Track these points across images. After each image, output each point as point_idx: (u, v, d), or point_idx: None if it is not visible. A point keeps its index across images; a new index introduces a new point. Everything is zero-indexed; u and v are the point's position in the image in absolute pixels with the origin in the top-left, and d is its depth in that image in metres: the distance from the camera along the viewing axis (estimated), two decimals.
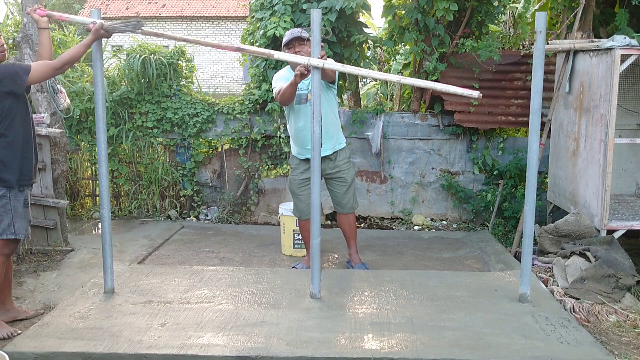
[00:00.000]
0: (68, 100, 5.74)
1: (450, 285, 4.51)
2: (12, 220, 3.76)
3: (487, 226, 6.59)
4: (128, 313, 3.90)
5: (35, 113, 5.58)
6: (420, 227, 6.77)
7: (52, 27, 6.98)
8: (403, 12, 6.55)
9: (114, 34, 3.93)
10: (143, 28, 3.90)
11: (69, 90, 6.47)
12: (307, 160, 4.76)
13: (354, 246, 5.22)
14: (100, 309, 3.98)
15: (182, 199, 7.11)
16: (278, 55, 4.12)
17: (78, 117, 6.71)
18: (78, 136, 6.87)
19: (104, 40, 4.01)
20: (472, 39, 6.42)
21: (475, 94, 3.82)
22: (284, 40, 4.77)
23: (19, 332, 3.72)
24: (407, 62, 7.84)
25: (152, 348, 3.39)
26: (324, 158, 4.81)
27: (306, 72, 4.24)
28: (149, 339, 3.51)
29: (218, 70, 25.19)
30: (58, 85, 5.60)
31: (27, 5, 5.35)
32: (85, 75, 7.01)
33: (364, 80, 10.51)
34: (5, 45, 3.77)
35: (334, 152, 4.98)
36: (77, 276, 4.89)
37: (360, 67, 6.30)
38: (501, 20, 7.65)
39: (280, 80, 4.81)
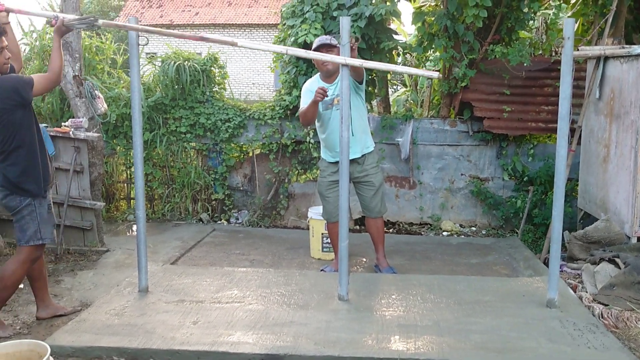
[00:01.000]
0: (105, 106, 5.94)
1: (478, 290, 4.53)
2: (38, 227, 3.84)
3: (517, 233, 6.57)
4: (161, 311, 4.02)
5: (73, 117, 5.79)
6: (449, 233, 6.78)
7: (90, 35, 7.21)
8: (432, 18, 6.60)
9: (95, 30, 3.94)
10: (99, 22, 3.87)
11: (106, 96, 6.66)
12: (336, 162, 4.85)
13: (382, 250, 5.26)
14: (135, 306, 4.11)
15: (213, 202, 7.25)
16: (242, 43, 4.12)
17: (114, 122, 6.91)
18: (114, 140, 7.07)
19: (140, 47, 4.16)
20: (501, 45, 6.42)
21: (435, 74, 4.08)
22: (313, 47, 4.88)
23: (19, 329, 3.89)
24: (436, 68, 7.87)
25: (185, 345, 3.50)
26: (352, 161, 4.85)
27: (325, 96, 4.54)
28: (182, 336, 3.62)
29: (250, 77, 25.48)
30: (96, 91, 5.80)
31: (67, 12, 5.55)
32: (122, 82, 7.22)
33: (393, 87, 10.56)
34: (10, 58, 3.78)
35: (362, 156, 5.04)
36: (113, 275, 5.05)
37: (391, 73, 6.35)
38: (532, 27, 7.64)
39: (306, 95, 4.95)
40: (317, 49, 4.79)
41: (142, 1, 28.31)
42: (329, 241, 5.55)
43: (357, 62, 4.11)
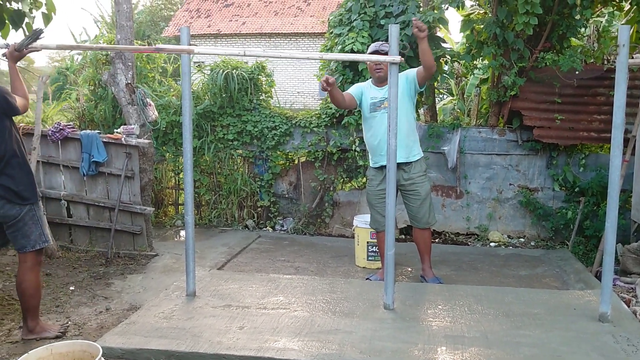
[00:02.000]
0: (156, 113, 6.08)
1: (527, 302, 4.43)
2: (41, 229, 3.87)
3: (567, 245, 6.42)
4: (208, 315, 4.07)
5: (125, 124, 5.93)
6: (496, 243, 6.67)
7: (142, 44, 7.38)
8: (481, 26, 6.53)
9: (37, 51, 3.91)
10: (42, 35, 3.89)
11: (157, 104, 6.82)
12: (381, 168, 4.89)
13: (428, 261, 5.21)
14: (183, 310, 4.17)
15: (259, 209, 7.31)
16: (198, 49, 4.12)
17: (164, 129, 7.06)
18: (163, 147, 7.22)
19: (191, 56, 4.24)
20: (552, 53, 6.31)
21: (397, 58, 3.90)
22: (367, 52, 4.96)
23: (68, 324, 3.98)
24: (485, 76, 7.78)
25: (231, 349, 3.53)
26: (397, 166, 4.87)
27: (329, 85, 4.61)
28: (228, 340, 3.65)
29: (295, 85, 25.65)
30: (147, 99, 5.93)
31: (121, 22, 5.71)
32: (172, 90, 7.38)
33: (440, 95, 10.48)
34: None
35: (408, 163, 5.00)
36: (161, 279, 5.14)
37: (437, 81, 6.31)
38: (584, 35, 7.47)
39: (352, 88, 5.10)
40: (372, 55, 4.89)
41: (191, 12, 28.85)
42: (375, 250, 5.54)
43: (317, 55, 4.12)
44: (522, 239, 6.78)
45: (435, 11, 6.47)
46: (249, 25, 27.33)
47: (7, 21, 7.68)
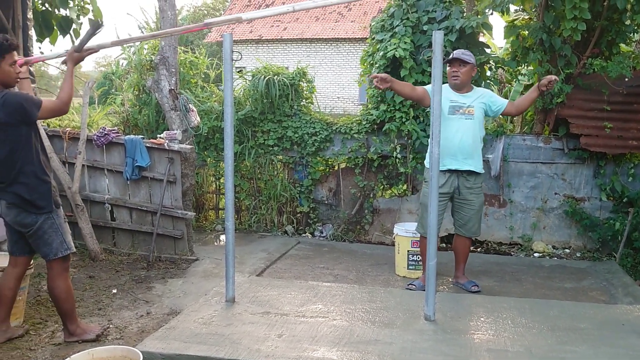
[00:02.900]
0: (198, 119, 6.14)
1: (573, 316, 4.30)
2: (62, 237, 3.87)
3: (615, 257, 6.22)
4: (247, 322, 4.06)
5: (168, 129, 6.00)
6: (540, 254, 6.50)
7: (185, 50, 7.48)
8: (526, 32, 6.39)
9: (95, 52, 4.02)
10: (100, 29, 3.88)
11: (199, 109, 6.89)
12: (448, 172, 4.93)
13: (463, 269, 5.28)
14: (222, 316, 4.18)
15: (298, 215, 7.30)
16: (246, 16, 4.19)
17: (206, 134, 7.12)
18: (205, 152, 7.28)
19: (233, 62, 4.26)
20: (601, 59, 6.13)
21: None
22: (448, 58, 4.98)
23: (108, 326, 4.01)
24: (529, 83, 7.60)
25: (270, 357, 3.50)
26: (461, 172, 4.95)
27: (383, 83, 4.70)
28: (267, 348, 3.64)
29: (335, 91, 25.68)
30: (190, 105, 6.00)
31: (165, 28, 5.79)
32: (214, 96, 7.44)
33: None
34: (20, 73, 3.83)
35: (474, 173, 5.02)
36: (201, 284, 5.17)
37: (481, 86, 6.20)
38: (634, 40, 7.25)
39: (429, 86, 4.99)
40: (450, 61, 4.94)
41: None
42: (415, 259, 5.47)
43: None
44: (567, 250, 6.60)
45: (479, 16, 6.37)
46: (290, 31, 27.49)
47: (55, 27, 7.89)
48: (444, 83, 5.32)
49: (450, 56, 4.93)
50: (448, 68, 5.01)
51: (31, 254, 4.00)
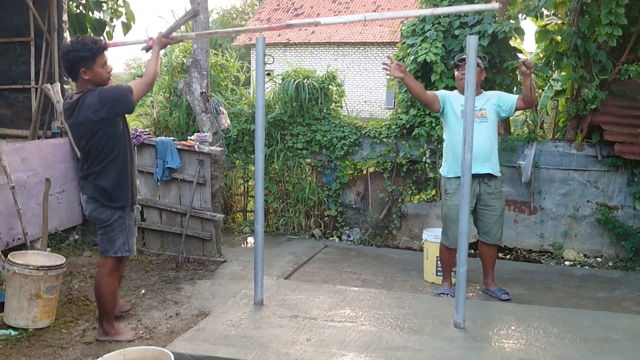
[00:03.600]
0: (228, 121, 6.17)
1: (606, 327, 4.21)
2: (126, 238, 3.93)
3: None
4: (276, 325, 4.06)
5: (198, 131, 6.04)
6: (571, 262, 6.40)
7: (215, 53, 7.53)
8: (560, 37, 6.30)
9: (179, 42, 4.15)
10: (195, 17, 4.04)
11: (229, 112, 6.92)
12: None
13: (492, 276, 5.23)
14: (250, 319, 4.18)
15: (326, 218, 7.29)
16: (325, 21, 4.24)
17: (235, 136, 7.16)
18: (234, 154, 7.32)
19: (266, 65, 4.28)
20: (637, 65, 6.02)
21: (496, 5, 3.95)
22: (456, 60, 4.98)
23: (141, 334, 4.03)
24: (561, 89, 7.49)
25: None
26: (481, 178, 4.90)
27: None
28: (295, 352, 3.63)
29: (362, 94, 25.66)
30: (220, 107, 6.03)
31: (196, 30, 5.83)
32: (244, 98, 7.47)
33: None
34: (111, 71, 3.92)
35: (492, 177, 4.97)
36: (229, 286, 5.19)
37: (513, 92, 6.13)
38: None
39: (438, 92, 5.05)
40: (456, 65, 4.92)
41: (262, 21, 29.36)
42: None
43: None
44: (599, 259, 6.48)
45: (512, 21, 6.30)
46: (317, 35, 27.56)
47: (88, 29, 8.01)
48: (453, 89, 5.33)
49: (458, 58, 4.89)
50: (456, 71, 4.97)
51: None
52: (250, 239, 7.07)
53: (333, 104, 7.30)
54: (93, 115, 3.67)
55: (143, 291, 5.02)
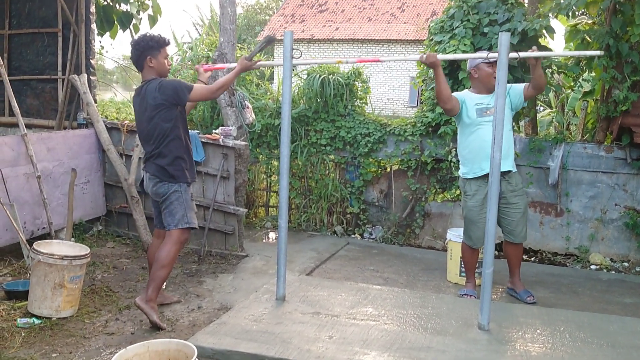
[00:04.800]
0: (253, 115, 6.15)
1: (635, 333, 4.12)
2: (185, 211, 4.20)
3: None
4: (297, 322, 4.04)
5: (223, 125, 6.03)
6: (597, 266, 6.28)
7: (241, 47, 7.52)
8: (590, 37, 6.17)
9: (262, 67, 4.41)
10: (273, 41, 4.34)
11: (253, 106, 6.91)
12: (483, 177, 4.80)
13: (518, 275, 5.13)
14: (272, 314, 4.16)
15: (348, 215, 7.25)
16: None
17: (259, 131, 7.14)
18: (257, 149, 7.30)
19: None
20: None
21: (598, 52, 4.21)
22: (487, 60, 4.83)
23: (164, 326, 4.07)
24: (590, 89, 7.36)
25: (320, 359, 3.47)
26: (502, 174, 4.77)
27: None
28: (317, 349, 3.60)
29: (385, 92, 25.53)
30: (245, 101, 6.01)
31: (224, 25, 5.82)
32: (268, 93, 7.45)
33: (538, 106, 10.06)
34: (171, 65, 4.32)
35: (510, 174, 4.89)
36: (251, 281, 5.17)
37: (543, 94, 6.04)
38: None
39: (455, 94, 4.94)
40: (491, 65, 4.77)
41: (286, 17, 29.34)
42: None
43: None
44: (626, 264, 6.35)
45: (542, 19, 6.19)
46: (342, 31, 27.48)
47: (115, 22, 8.05)
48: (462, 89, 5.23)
49: (492, 57, 4.68)
50: (488, 68, 4.78)
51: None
52: (272, 234, 7.06)
53: (358, 100, 7.25)
54: (152, 100, 4.09)
55: (165, 283, 5.02)
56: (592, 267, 6.28)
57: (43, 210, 5.39)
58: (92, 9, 6.58)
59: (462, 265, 5.38)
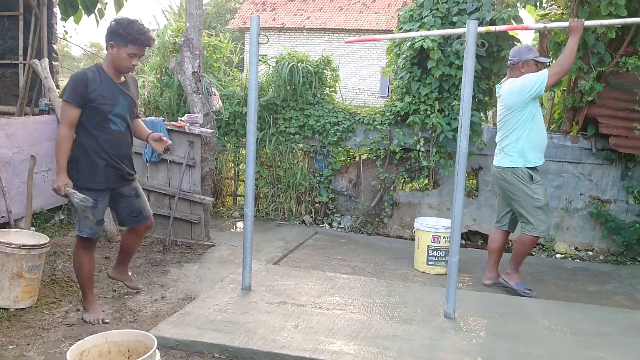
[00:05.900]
0: (220, 103, 6.05)
1: (597, 321, 4.19)
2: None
3: (639, 261, 6.05)
4: (263, 311, 3.99)
5: (189, 112, 5.93)
6: (562, 255, 6.35)
7: (209, 34, 7.40)
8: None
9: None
10: None
11: (221, 94, 6.80)
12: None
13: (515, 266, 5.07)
14: (238, 304, 4.11)
15: (317, 205, 7.21)
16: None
17: (227, 119, 7.04)
18: (225, 137, 7.20)
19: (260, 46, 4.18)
20: (635, 58, 5.95)
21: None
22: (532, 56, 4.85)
23: (107, 321, 3.87)
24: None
25: (285, 348, 3.43)
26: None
27: None
28: (282, 339, 3.56)
29: (356, 82, 25.46)
30: (212, 88, 5.91)
31: (191, 10, 5.70)
32: (236, 80, 7.35)
33: None
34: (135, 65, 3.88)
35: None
36: (217, 270, 5.10)
37: None
38: None
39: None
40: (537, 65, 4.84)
41: (257, 4, 29.07)
42: (435, 254, 5.36)
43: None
44: (590, 252, 6.44)
45: (511, 9, 6.20)
46: (313, 20, 27.33)
47: (80, 6, 7.83)
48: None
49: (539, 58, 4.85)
50: (535, 67, 4.80)
51: None
52: (240, 224, 6.98)
53: (327, 89, 7.19)
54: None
55: (129, 273, 4.91)
56: (557, 255, 6.35)
57: (1, 199, 5.23)
58: None
59: (429, 254, 5.37)
